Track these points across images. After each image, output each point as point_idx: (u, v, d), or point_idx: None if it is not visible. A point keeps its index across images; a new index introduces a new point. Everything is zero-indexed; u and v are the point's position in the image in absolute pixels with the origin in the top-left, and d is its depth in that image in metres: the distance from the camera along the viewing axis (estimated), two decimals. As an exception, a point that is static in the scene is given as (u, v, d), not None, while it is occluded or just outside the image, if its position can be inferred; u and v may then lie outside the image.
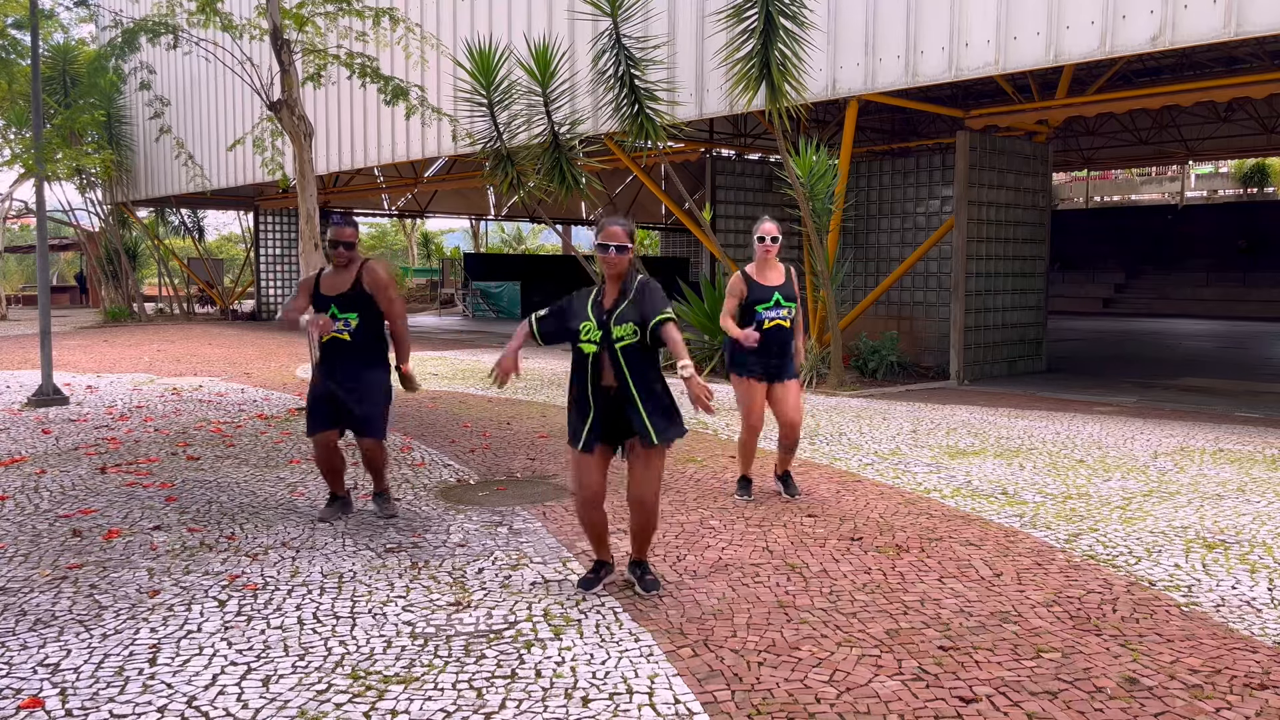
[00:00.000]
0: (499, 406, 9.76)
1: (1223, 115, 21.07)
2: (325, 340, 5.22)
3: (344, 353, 5.23)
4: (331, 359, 5.26)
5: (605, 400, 4.01)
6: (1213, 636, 3.68)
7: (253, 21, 9.81)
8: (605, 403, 4.01)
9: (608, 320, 3.99)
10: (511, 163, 11.72)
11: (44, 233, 10.47)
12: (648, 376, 4.01)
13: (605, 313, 4.02)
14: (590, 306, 4.06)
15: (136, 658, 3.49)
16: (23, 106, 17.96)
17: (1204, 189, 35.76)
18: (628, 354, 3.97)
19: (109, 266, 25.71)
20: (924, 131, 20.04)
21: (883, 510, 5.55)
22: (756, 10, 9.50)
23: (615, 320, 3.98)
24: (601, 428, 4.04)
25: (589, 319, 4.03)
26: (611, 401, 4.01)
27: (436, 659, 3.48)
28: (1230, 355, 15.76)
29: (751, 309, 5.60)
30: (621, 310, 4.00)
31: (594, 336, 3.99)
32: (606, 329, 3.98)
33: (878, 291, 13.05)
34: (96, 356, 15.25)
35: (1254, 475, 6.44)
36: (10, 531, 5.12)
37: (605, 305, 4.04)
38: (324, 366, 5.29)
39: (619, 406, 4.01)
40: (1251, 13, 7.92)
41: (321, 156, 18.15)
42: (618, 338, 3.97)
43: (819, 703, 3.13)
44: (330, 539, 5.00)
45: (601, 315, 4.02)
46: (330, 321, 5.14)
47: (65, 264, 44.48)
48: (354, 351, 5.23)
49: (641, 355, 4.00)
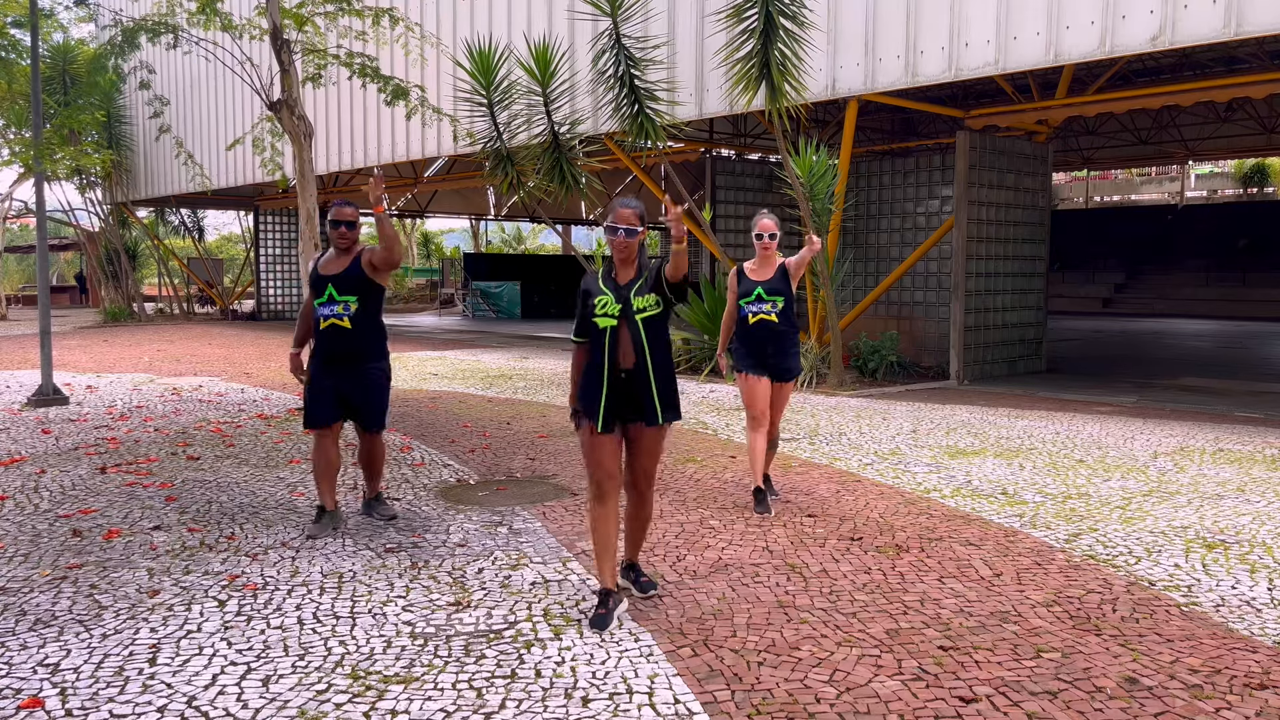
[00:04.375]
0: (499, 406, 9.76)
1: (1223, 115, 21.08)
2: (324, 328, 5.08)
3: (343, 341, 5.08)
4: (330, 348, 5.11)
5: (617, 382, 3.91)
6: (1213, 636, 3.68)
7: (253, 21, 9.81)
8: (618, 384, 3.91)
9: (627, 294, 3.90)
10: (511, 163, 11.72)
11: (44, 233, 10.47)
12: (663, 353, 3.95)
13: (623, 287, 3.93)
14: (603, 282, 3.96)
15: (136, 658, 3.49)
16: (23, 106, 17.95)
17: (1204, 189, 35.76)
18: (649, 326, 3.90)
19: (109, 266, 25.70)
20: (924, 131, 20.04)
21: (883, 510, 5.55)
22: (756, 10, 9.50)
23: (636, 293, 3.90)
24: (611, 409, 3.93)
25: (605, 293, 3.92)
26: (624, 384, 3.91)
27: (436, 659, 3.48)
28: (1230, 355, 15.76)
29: (739, 304, 5.61)
30: (640, 284, 3.92)
31: (613, 310, 3.89)
32: (627, 301, 3.89)
33: (878, 291, 13.05)
34: (96, 356, 15.25)
35: (1254, 475, 6.44)
36: (10, 531, 5.12)
37: (620, 281, 3.95)
38: (322, 357, 5.14)
39: (629, 388, 3.91)
40: (1251, 13, 7.92)
41: (321, 156, 18.15)
42: (639, 309, 3.88)
43: (819, 703, 3.13)
44: (330, 539, 5.00)
45: (619, 289, 3.92)
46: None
47: (65, 264, 44.47)
48: (353, 339, 5.09)
49: (660, 328, 3.93)
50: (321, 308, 5.08)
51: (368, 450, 5.35)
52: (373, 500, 5.47)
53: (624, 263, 3.96)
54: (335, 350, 5.11)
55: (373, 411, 5.23)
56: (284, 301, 26.59)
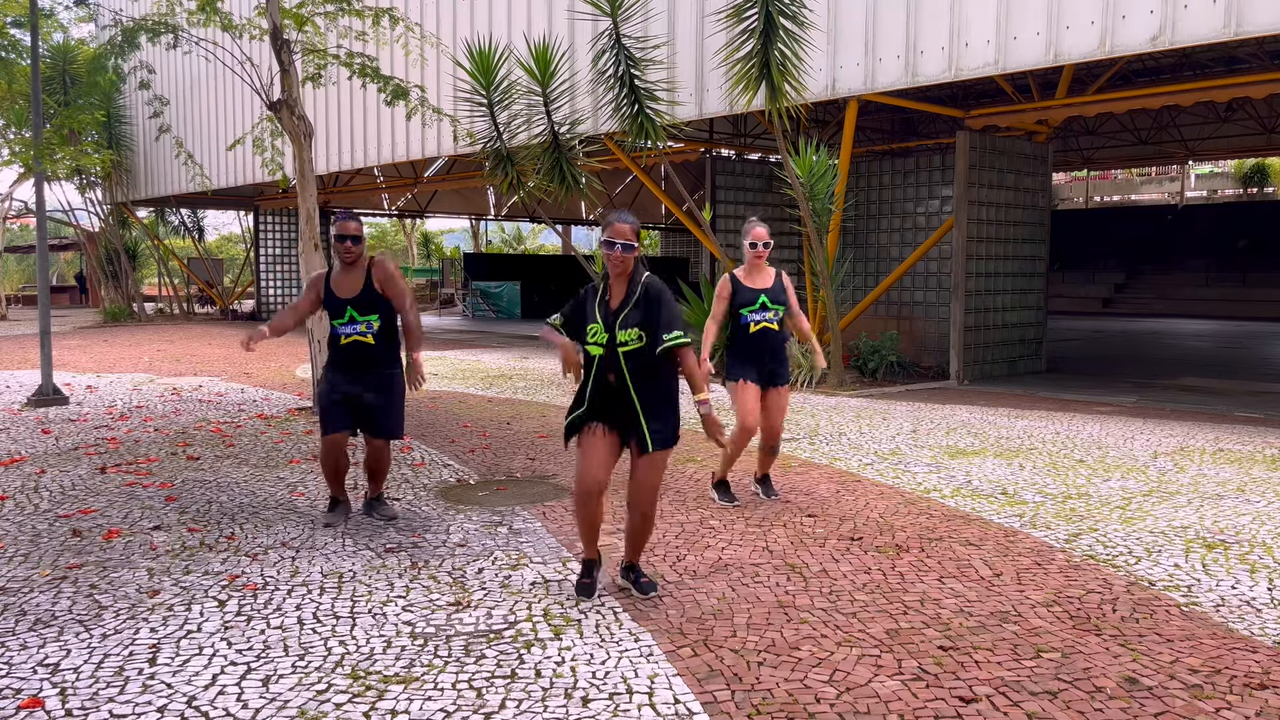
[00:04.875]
0: (499, 406, 9.76)
1: (1223, 115, 21.08)
2: (346, 343, 5.14)
3: (367, 356, 5.17)
4: (352, 362, 5.17)
5: (606, 392, 3.97)
6: (1213, 636, 3.68)
7: (253, 21, 9.79)
8: (606, 395, 3.98)
9: (613, 323, 3.92)
10: (511, 163, 11.72)
11: (44, 233, 10.47)
12: (650, 382, 3.95)
13: (611, 314, 3.95)
14: (597, 307, 3.99)
15: (136, 658, 3.49)
16: (23, 106, 17.95)
17: (1204, 189, 35.77)
18: (630, 359, 3.91)
19: (109, 266, 25.71)
20: (924, 131, 20.04)
21: (883, 510, 5.55)
22: (756, 10, 9.50)
23: (621, 324, 3.91)
24: (599, 414, 3.99)
25: (596, 321, 3.97)
26: (613, 395, 3.96)
27: (436, 659, 3.48)
28: (1230, 355, 15.76)
29: (737, 312, 5.58)
30: (626, 314, 3.92)
31: (601, 339, 3.94)
32: (612, 333, 3.91)
33: (878, 291, 13.05)
34: (96, 356, 15.25)
35: (1254, 475, 6.44)
36: (10, 531, 5.12)
37: (611, 305, 3.97)
38: (344, 370, 5.19)
39: (619, 401, 3.96)
40: (1251, 13, 7.92)
41: (321, 156, 18.14)
42: (621, 343, 3.90)
43: (819, 703, 3.13)
44: (330, 539, 5.00)
45: (608, 317, 3.95)
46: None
47: (65, 264, 44.47)
48: (376, 354, 5.19)
49: (645, 361, 3.93)
50: (342, 327, 5.16)
51: (376, 456, 5.34)
52: (374, 500, 5.48)
53: (619, 277, 3.99)
54: (360, 365, 5.19)
55: (393, 416, 5.26)
56: (284, 301, 26.59)
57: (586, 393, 4.01)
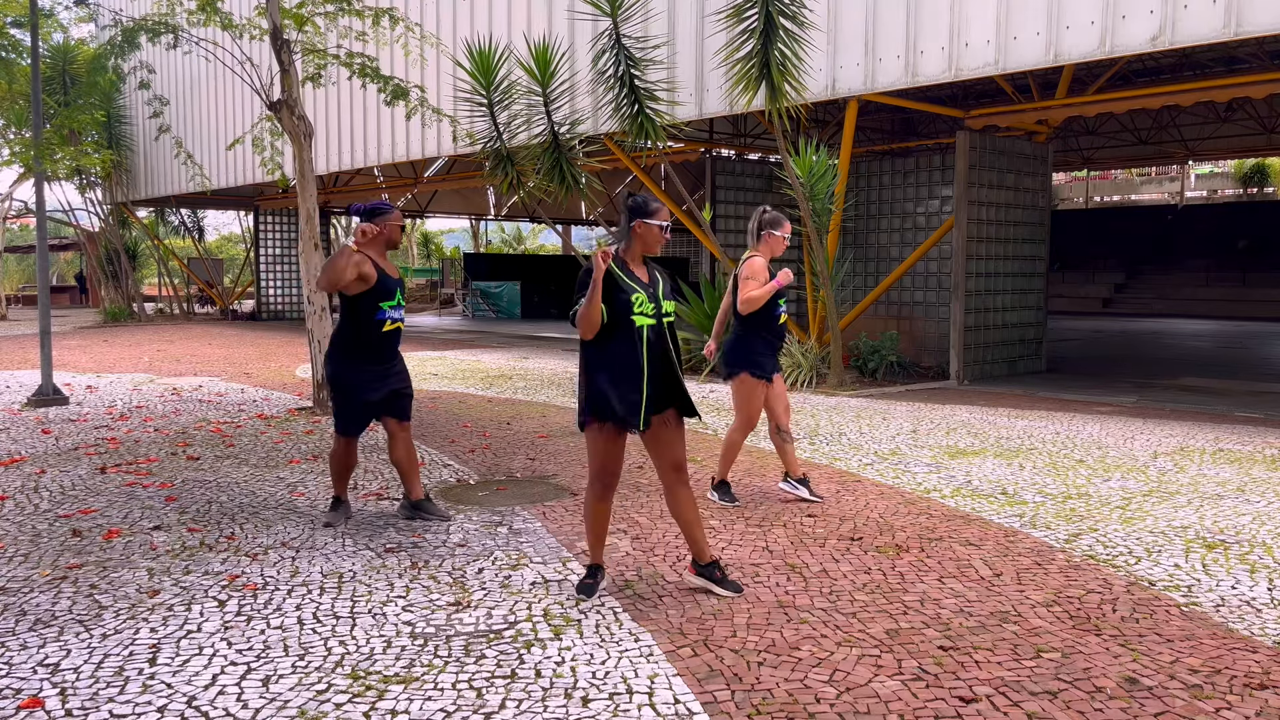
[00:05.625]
0: (499, 406, 9.76)
1: (1223, 115, 21.08)
2: (390, 329, 5.13)
3: (398, 340, 5.28)
4: (390, 350, 5.21)
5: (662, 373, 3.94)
6: (1213, 636, 3.68)
7: (253, 21, 9.80)
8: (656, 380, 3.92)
9: (657, 295, 3.95)
10: (511, 163, 11.72)
11: (44, 233, 10.47)
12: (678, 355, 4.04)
13: (649, 286, 3.96)
14: (629, 277, 3.92)
15: (136, 658, 3.49)
16: (23, 106, 17.95)
17: (1204, 189, 35.78)
18: (670, 329, 3.99)
19: (109, 266, 25.71)
20: (924, 131, 20.04)
21: (883, 510, 5.55)
22: (756, 10, 9.50)
23: (665, 295, 3.98)
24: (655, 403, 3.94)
25: (639, 290, 3.90)
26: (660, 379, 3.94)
27: (436, 659, 3.48)
28: (1230, 355, 15.76)
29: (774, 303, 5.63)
30: (663, 289, 3.99)
31: (648, 309, 3.90)
32: (659, 303, 3.94)
33: (878, 291, 13.05)
34: (96, 356, 15.25)
35: (1254, 475, 6.44)
36: (10, 531, 5.12)
37: (645, 280, 3.98)
38: (381, 361, 5.15)
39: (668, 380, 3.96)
40: (1251, 13, 7.92)
41: (321, 156, 18.14)
42: (667, 313, 3.97)
43: (819, 703, 3.13)
44: (330, 539, 5.00)
45: (649, 289, 3.95)
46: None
47: (65, 264, 44.48)
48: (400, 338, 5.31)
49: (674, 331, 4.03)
50: (391, 311, 5.15)
51: (406, 445, 5.30)
52: (423, 501, 5.38)
53: (643, 258, 4.04)
54: (391, 352, 5.22)
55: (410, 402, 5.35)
56: (284, 301, 26.60)
57: (642, 370, 3.85)
